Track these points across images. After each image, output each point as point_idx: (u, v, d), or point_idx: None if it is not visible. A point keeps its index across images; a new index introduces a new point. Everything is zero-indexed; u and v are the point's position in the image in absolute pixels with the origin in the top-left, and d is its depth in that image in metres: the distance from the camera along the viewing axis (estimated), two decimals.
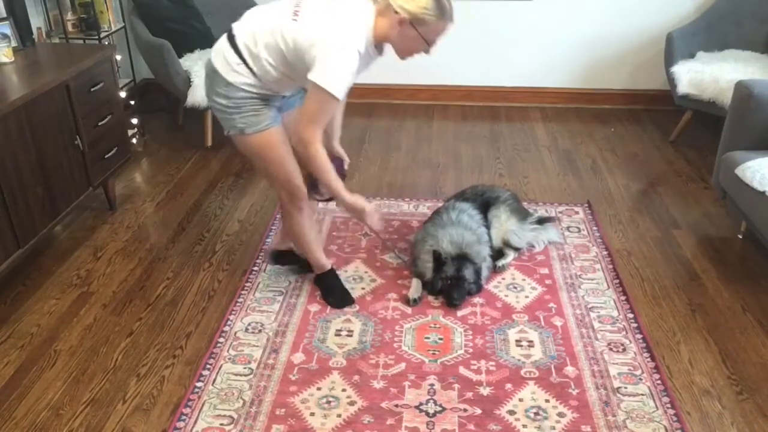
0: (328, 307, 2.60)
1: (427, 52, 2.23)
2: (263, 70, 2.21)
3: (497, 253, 2.84)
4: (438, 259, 2.59)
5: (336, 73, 2.08)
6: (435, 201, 3.39)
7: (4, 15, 3.11)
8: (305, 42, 2.10)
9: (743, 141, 2.91)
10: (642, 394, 2.16)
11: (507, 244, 2.88)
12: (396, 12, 2.11)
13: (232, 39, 2.23)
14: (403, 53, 2.25)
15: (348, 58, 2.08)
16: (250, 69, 2.21)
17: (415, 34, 2.16)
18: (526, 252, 2.94)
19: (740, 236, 3.08)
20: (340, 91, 2.09)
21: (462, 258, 2.59)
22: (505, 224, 2.87)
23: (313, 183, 2.47)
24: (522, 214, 2.96)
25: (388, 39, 2.20)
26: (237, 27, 2.25)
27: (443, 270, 2.58)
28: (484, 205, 2.92)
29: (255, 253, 2.94)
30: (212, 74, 2.27)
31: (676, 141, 4.12)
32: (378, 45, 2.23)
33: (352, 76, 2.12)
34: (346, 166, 2.65)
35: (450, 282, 2.57)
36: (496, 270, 2.80)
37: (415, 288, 2.66)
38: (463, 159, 3.92)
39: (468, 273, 2.58)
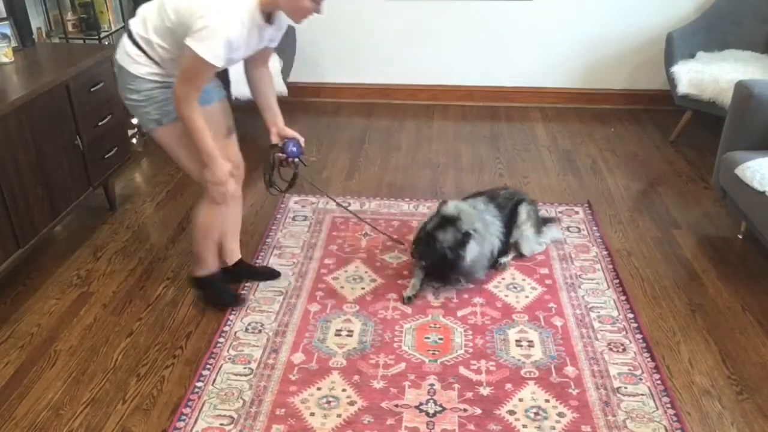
0: (328, 307, 2.60)
1: (318, 11, 2.18)
2: (159, 56, 2.21)
3: (500, 252, 2.83)
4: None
5: (210, 40, 2.04)
6: (435, 201, 3.38)
7: (4, 15, 3.11)
8: (186, 12, 2.08)
9: (743, 141, 2.91)
10: (642, 394, 2.16)
11: (515, 246, 2.88)
12: None
13: (129, 31, 2.24)
14: (296, 16, 2.21)
15: (224, 27, 2.04)
16: (150, 57, 2.21)
17: None
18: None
19: (740, 236, 3.08)
20: (212, 57, 2.05)
21: (450, 220, 2.57)
22: (521, 227, 2.87)
23: (270, 179, 2.48)
24: (538, 226, 2.96)
25: (277, 4, 2.17)
26: (132, 21, 2.26)
27: (427, 224, 2.62)
28: (512, 209, 2.90)
29: (255, 253, 2.94)
30: (119, 71, 2.27)
31: (676, 141, 4.12)
32: (267, 14, 2.19)
33: (228, 47, 2.07)
34: (303, 144, 2.55)
35: (425, 238, 2.58)
36: (496, 267, 2.79)
37: (411, 286, 2.66)
38: (463, 159, 3.92)
39: (445, 235, 2.55)
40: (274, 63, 4.12)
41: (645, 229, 3.16)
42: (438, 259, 2.59)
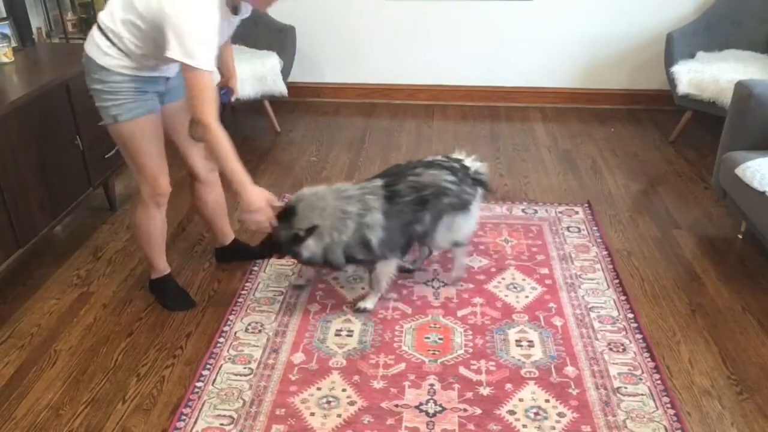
0: (328, 307, 2.60)
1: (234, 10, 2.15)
2: (129, 50, 2.14)
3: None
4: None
5: (196, 43, 1.95)
6: None
7: (4, 15, 3.11)
8: (155, 11, 1.99)
9: (743, 141, 2.91)
10: (642, 394, 2.16)
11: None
12: None
13: (98, 23, 2.19)
14: (261, 4, 2.18)
15: (204, 19, 1.95)
16: (120, 49, 2.14)
17: None
18: (527, 253, 2.94)
19: (740, 236, 3.08)
20: (206, 61, 1.98)
21: (289, 213, 2.36)
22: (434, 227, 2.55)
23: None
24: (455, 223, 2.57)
25: None
26: (101, 12, 2.20)
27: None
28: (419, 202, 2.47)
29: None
30: (86, 61, 2.21)
31: (676, 141, 4.12)
32: (232, 5, 2.15)
33: (213, 40, 2.00)
34: (233, 98, 2.57)
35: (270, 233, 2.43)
36: (355, 309, 2.57)
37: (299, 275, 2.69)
38: None
39: (280, 231, 2.37)
40: (274, 63, 4.13)
41: (645, 229, 3.16)
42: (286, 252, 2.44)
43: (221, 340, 2.42)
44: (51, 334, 2.48)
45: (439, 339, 2.42)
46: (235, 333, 2.46)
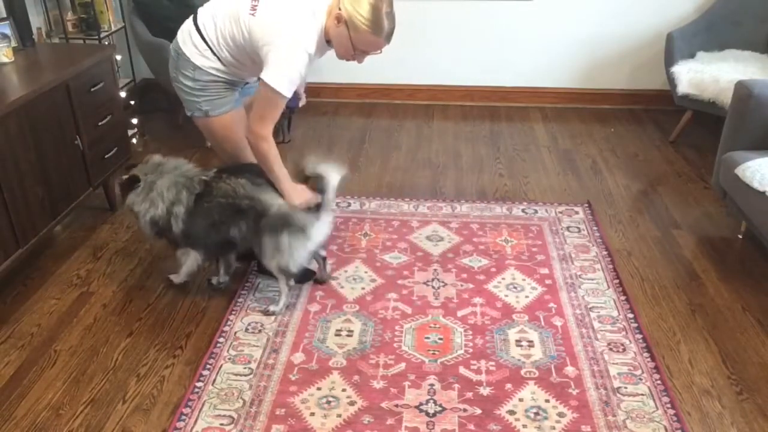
0: (328, 307, 2.60)
1: (357, 59, 2.27)
2: (226, 60, 2.30)
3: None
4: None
5: (285, 74, 2.17)
6: (435, 201, 3.39)
7: (4, 15, 3.11)
8: (260, 39, 2.19)
9: (743, 141, 2.91)
10: (642, 394, 2.16)
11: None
12: (339, 9, 2.17)
13: (197, 23, 2.30)
14: (338, 52, 2.30)
15: (297, 59, 2.17)
16: (217, 55, 2.30)
17: (346, 35, 2.19)
18: (527, 253, 2.94)
19: (740, 236, 3.08)
20: (288, 90, 2.19)
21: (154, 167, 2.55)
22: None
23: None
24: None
25: (330, 34, 2.25)
26: (201, 12, 2.32)
27: None
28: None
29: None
30: (178, 56, 2.33)
31: (676, 141, 4.12)
32: (329, 41, 2.29)
33: (300, 76, 2.22)
34: (300, 104, 2.77)
35: None
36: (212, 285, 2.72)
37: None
38: (463, 159, 3.92)
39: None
40: None
41: (645, 229, 3.16)
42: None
43: (221, 340, 2.42)
44: (51, 334, 2.48)
45: (439, 339, 2.42)
46: (235, 333, 2.46)
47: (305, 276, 2.71)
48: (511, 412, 2.10)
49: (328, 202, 2.45)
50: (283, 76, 2.16)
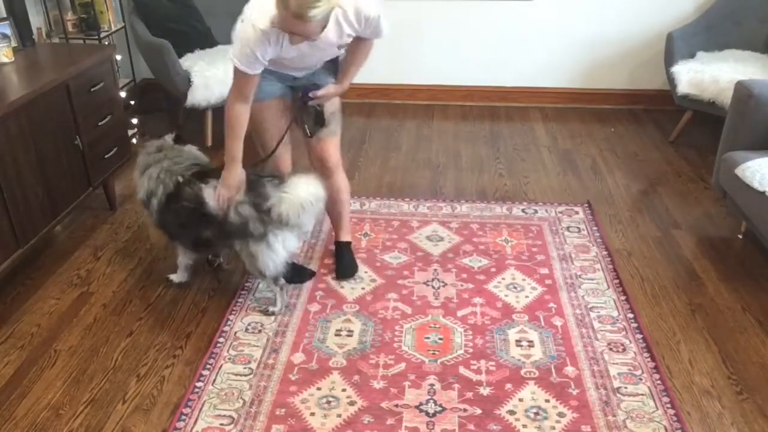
0: (328, 307, 2.60)
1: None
2: None
3: None
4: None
5: (237, 47, 2.22)
6: (435, 201, 3.39)
7: (4, 15, 3.11)
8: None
9: (743, 141, 2.91)
10: (642, 394, 2.16)
11: None
12: None
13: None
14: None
15: (247, 34, 2.18)
16: None
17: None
18: (527, 253, 2.94)
19: (740, 236, 3.08)
20: (241, 63, 2.22)
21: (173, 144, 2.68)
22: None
23: (303, 125, 2.56)
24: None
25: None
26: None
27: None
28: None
29: None
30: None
31: (676, 141, 4.12)
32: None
33: (252, 52, 2.19)
34: (311, 95, 2.55)
35: None
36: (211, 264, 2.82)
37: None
38: (463, 159, 3.92)
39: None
40: None
41: (645, 229, 3.16)
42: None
43: (221, 340, 2.42)
44: (51, 334, 2.48)
45: (439, 339, 2.42)
46: (235, 333, 2.46)
47: (305, 276, 2.71)
48: (511, 412, 2.10)
49: (290, 220, 2.35)
50: (236, 48, 2.22)
